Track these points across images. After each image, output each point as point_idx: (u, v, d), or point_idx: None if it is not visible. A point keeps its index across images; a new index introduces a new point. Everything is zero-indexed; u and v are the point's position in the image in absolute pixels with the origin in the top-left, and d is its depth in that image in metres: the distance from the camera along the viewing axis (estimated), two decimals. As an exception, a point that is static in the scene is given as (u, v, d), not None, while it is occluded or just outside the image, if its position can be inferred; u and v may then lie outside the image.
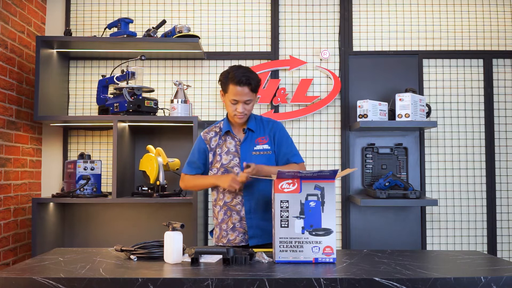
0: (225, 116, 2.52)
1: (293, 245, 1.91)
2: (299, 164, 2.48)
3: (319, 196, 1.92)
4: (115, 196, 3.14)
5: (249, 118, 2.48)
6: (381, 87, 3.63)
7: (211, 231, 2.59)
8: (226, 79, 2.36)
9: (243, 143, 2.44)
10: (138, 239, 2.28)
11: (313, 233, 1.91)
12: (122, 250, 2.03)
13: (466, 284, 1.65)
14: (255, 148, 2.43)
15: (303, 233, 1.91)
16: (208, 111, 3.63)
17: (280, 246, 1.91)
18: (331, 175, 1.92)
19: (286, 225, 1.91)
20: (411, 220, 3.57)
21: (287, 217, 1.91)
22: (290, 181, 1.93)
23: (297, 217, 1.91)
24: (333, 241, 1.91)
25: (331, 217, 1.91)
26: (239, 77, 2.31)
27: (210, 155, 2.47)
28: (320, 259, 1.90)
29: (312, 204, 1.92)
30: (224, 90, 2.39)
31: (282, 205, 1.92)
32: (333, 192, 1.93)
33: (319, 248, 1.90)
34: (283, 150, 2.47)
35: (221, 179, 2.37)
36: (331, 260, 1.90)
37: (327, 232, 1.91)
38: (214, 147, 2.46)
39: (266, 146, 2.44)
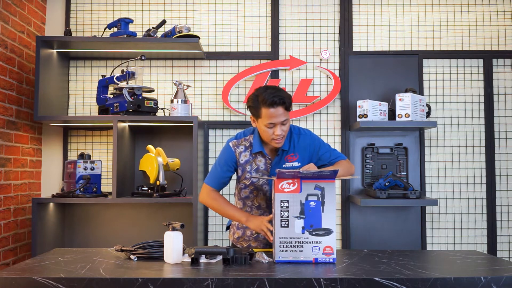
0: (255, 131, 2.34)
1: (293, 245, 1.91)
2: (346, 160, 2.40)
3: (319, 196, 1.92)
4: (115, 196, 3.14)
5: None
6: (381, 87, 3.63)
7: (228, 226, 2.55)
8: (256, 103, 2.18)
9: (274, 161, 2.32)
10: (138, 239, 2.28)
11: (313, 233, 1.91)
12: (122, 250, 2.03)
13: (466, 284, 1.65)
14: (284, 166, 2.31)
15: (303, 233, 1.91)
16: (208, 111, 3.63)
17: (280, 246, 1.91)
18: (331, 175, 1.92)
19: (286, 225, 1.91)
20: (411, 220, 3.57)
21: (287, 217, 1.91)
22: (290, 181, 1.93)
23: (297, 217, 1.91)
24: (333, 241, 1.91)
25: (331, 217, 1.91)
26: (272, 98, 2.13)
27: (239, 170, 2.35)
28: (320, 259, 1.90)
29: (312, 204, 1.92)
30: (256, 115, 2.21)
31: (282, 205, 1.92)
32: (333, 192, 1.93)
33: (319, 248, 1.90)
34: (325, 155, 2.37)
35: (251, 221, 2.21)
36: (331, 260, 1.90)
37: (327, 232, 1.91)
38: (243, 163, 2.34)
39: (295, 164, 2.32)
